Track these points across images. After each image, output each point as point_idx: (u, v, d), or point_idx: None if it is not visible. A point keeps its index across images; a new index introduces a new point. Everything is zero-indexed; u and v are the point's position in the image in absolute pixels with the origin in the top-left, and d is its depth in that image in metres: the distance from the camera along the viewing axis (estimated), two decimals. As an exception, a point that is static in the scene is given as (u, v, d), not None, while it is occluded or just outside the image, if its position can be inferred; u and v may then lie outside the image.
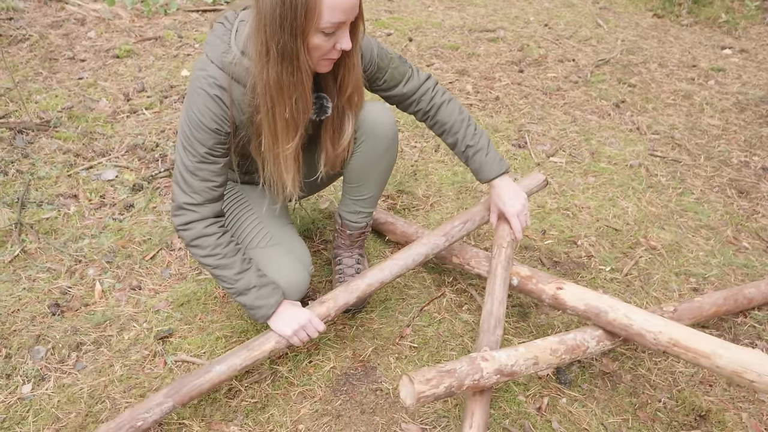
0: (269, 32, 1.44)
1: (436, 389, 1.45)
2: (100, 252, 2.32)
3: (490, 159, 1.94)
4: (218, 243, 1.67)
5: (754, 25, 5.41)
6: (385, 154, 1.93)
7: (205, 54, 1.59)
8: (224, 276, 1.69)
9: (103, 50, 4.02)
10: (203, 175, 1.63)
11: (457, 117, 1.95)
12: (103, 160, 2.87)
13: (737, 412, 1.84)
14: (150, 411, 1.57)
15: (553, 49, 4.53)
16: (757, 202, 2.86)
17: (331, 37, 1.48)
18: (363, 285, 1.85)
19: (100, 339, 1.97)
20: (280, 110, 1.57)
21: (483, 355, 1.56)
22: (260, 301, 1.71)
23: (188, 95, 1.60)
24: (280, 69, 1.49)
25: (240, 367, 1.67)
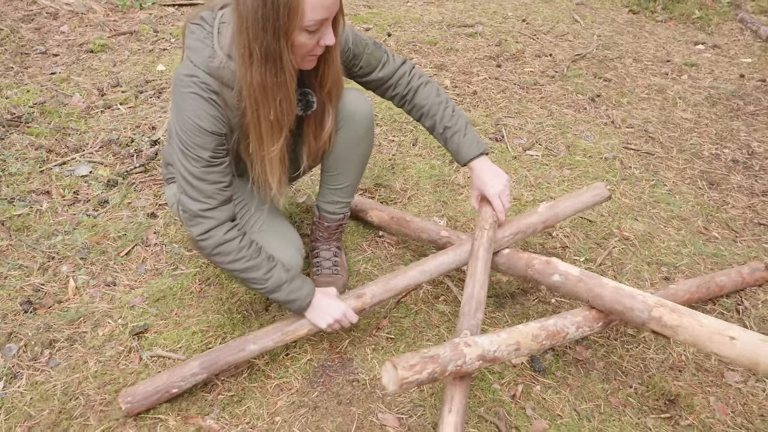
0: (251, 35, 1.42)
1: (419, 375, 1.45)
2: (74, 248, 2.30)
3: (468, 140, 1.92)
4: (241, 246, 1.65)
5: (726, 22, 5.49)
6: (363, 140, 1.95)
7: (189, 59, 1.56)
8: (254, 278, 1.68)
9: (77, 45, 3.98)
10: (212, 178, 1.61)
11: (435, 99, 1.93)
12: (77, 155, 2.84)
13: (705, 396, 1.87)
14: (185, 380, 1.70)
15: (531, 44, 4.56)
16: (727, 194, 2.91)
17: (314, 34, 1.48)
18: (402, 284, 1.90)
19: (74, 336, 1.95)
20: (264, 112, 1.56)
21: (466, 341, 1.57)
22: (294, 295, 1.72)
23: (178, 102, 1.57)
24: (263, 71, 1.48)
25: (271, 348, 1.80)
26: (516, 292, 2.23)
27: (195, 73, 1.54)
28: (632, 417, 1.79)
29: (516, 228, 2.01)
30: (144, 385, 1.69)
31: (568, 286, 1.81)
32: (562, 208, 2.10)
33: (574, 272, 1.81)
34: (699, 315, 1.58)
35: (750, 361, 1.46)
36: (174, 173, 1.96)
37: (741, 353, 1.47)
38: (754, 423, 1.80)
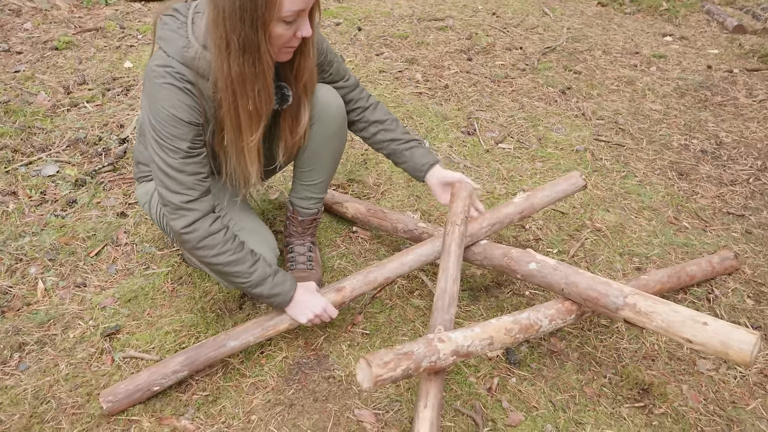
0: (229, 25, 1.41)
1: (394, 372, 1.45)
2: (42, 250, 2.25)
3: (425, 150, 2.04)
4: (226, 239, 1.63)
5: (694, 13, 5.57)
6: (335, 135, 1.96)
7: (162, 50, 1.54)
8: (238, 272, 1.65)
9: (41, 42, 3.89)
10: (191, 169, 1.58)
11: (392, 116, 2.06)
12: (43, 155, 2.79)
13: (678, 384, 1.90)
14: (166, 378, 1.71)
15: (501, 38, 4.58)
16: (696, 184, 2.95)
17: (291, 25, 1.47)
18: (381, 277, 1.91)
19: (44, 338, 1.92)
20: (243, 103, 1.55)
21: (440, 336, 1.58)
22: (277, 289, 1.71)
23: (151, 94, 1.54)
24: (241, 61, 1.47)
25: (252, 343, 1.80)
26: (490, 285, 2.24)
27: (169, 63, 1.52)
28: (607, 407, 1.81)
29: (493, 219, 2.02)
30: (125, 383, 1.68)
31: (544, 274, 1.82)
32: (538, 198, 2.12)
33: (550, 261, 1.83)
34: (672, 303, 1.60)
35: (721, 346, 1.48)
36: (144, 171, 1.94)
37: (713, 337, 1.50)
38: (726, 410, 1.83)
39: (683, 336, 1.54)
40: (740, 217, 2.73)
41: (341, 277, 2.20)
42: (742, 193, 2.90)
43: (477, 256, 2.00)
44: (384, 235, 2.43)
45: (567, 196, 2.20)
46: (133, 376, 1.71)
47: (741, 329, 1.47)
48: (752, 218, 2.73)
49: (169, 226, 1.62)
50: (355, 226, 2.47)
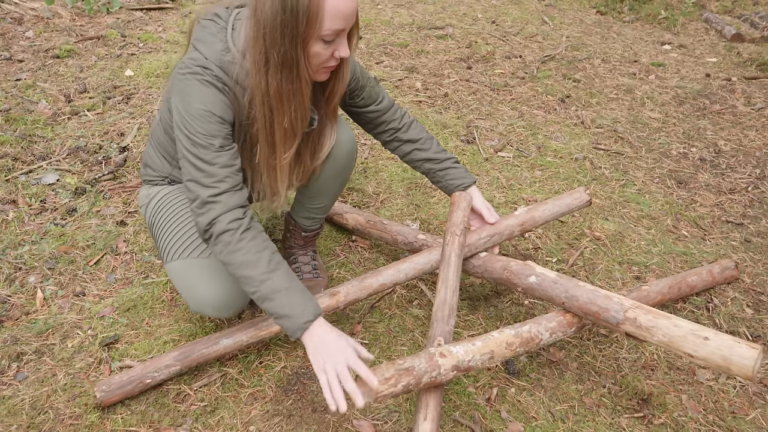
0: (269, 41, 1.42)
1: (394, 388, 1.46)
2: (41, 258, 2.25)
3: (461, 170, 2.04)
4: (242, 237, 1.52)
5: (692, 22, 5.58)
6: (345, 169, 1.97)
7: (199, 51, 1.54)
8: (249, 277, 1.51)
9: (43, 50, 3.90)
10: (223, 161, 1.53)
11: (426, 134, 2.04)
12: (44, 163, 2.79)
13: (677, 394, 1.90)
14: (159, 371, 1.73)
15: (501, 46, 4.59)
16: (695, 192, 2.96)
17: (330, 45, 1.47)
18: (377, 283, 1.90)
19: (42, 348, 1.92)
20: (279, 120, 1.54)
21: (441, 351, 1.57)
22: (285, 310, 1.50)
23: (184, 90, 1.52)
24: (280, 77, 1.47)
25: (246, 343, 1.80)
26: (489, 295, 2.24)
27: (206, 64, 1.52)
28: (606, 417, 1.81)
29: (493, 230, 2.01)
30: (119, 375, 1.71)
31: (544, 288, 1.82)
32: (540, 212, 2.10)
33: (550, 274, 1.83)
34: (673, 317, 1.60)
35: (723, 361, 1.48)
36: (150, 174, 1.92)
37: (714, 353, 1.49)
38: (726, 420, 1.83)
39: (684, 351, 1.53)
40: (739, 226, 2.73)
41: (340, 286, 2.21)
42: (740, 202, 2.90)
43: (477, 269, 2.00)
44: (383, 244, 2.43)
45: (571, 211, 2.16)
46: (128, 369, 1.74)
47: (743, 344, 1.46)
48: (751, 227, 2.73)
49: (196, 223, 1.56)
50: (354, 235, 2.47)
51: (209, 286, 1.70)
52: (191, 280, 1.72)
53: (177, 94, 1.55)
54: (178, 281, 1.75)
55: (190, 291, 1.71)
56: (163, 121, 1.78)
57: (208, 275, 1.71)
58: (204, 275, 1.71)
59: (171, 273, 1.77)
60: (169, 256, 1.78)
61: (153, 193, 1.91)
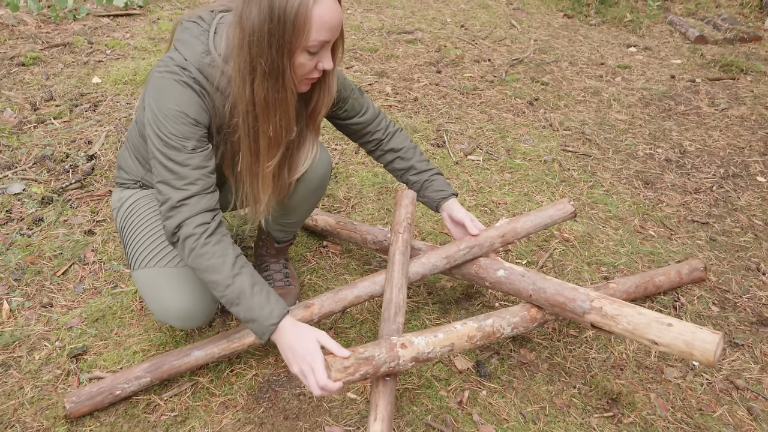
0: (256, 49, 1.41)
1: (352, 376, 1.49)
2: (7, 269, 2.22)
3: (441, 182, 2.02)
4: (206, 242, 1.50)
5: (657, 24, 5.69)
6: (317, 190, 1.96)
7: (179, 51, 1.52)
8: (215, 282, 1.51)
9: (8, 58, 3.84)
10: (196, 163, 1.52)
11: (409, 144, 2.03)
12: (9, 173, 2.75)
13: (646, 392, 1.93)
14: (129, 382, 1.72)
15: (470, 50, 4.63)
16: (662, 192, 3.01)
17: (314, 56, 1.47)
18: (351, 296, 1.89)
19: (9, 360, 1.88)
20: (263, 128, 1.54)
21: (402, 342, 1.59)
22: (253, 313, 1.51)
23: (159, 89, 1.50)
24: (266, 87, 1.46)
25: (218, 355, 1.78)
26: (460, 298, 2.26)
27: (185, 65, 1.51)
28: (576, 417, 1.83)
29: (473, 242, 1.96)
30: (89, 386, 1.69)
31: (512, 281, 1.86)
32: (521, 223, 2.06)
33: (518, 269, 1.87)
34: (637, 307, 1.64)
35: (686, 346, 1.52)
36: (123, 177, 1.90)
37: (677, 338, 1.53)
38: (694, 417, 1.86)
39: (649, 338, 1.57)
40: (704, 225, 2.79)
41: (312, 292, 2.21)
42: (705, 201, 2.96)
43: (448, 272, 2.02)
44: (354, 248, 2.44)
45: (554, 223, 2.11)
46: (98, 380, 1.72)
47: (704, 330, 1.52)
48: (716, 225, 2.78)
49: (164, 226, 1.55)
50: (325, 241, 2.47)
51: (175, 296, 1.68)
52: (157, 289, 1.70)
53: (152, 91, 1.53)
54: (144, 290, 1.73)
55: (156, 300, 1.70)
56: (139, 123, 1.75)
57: (174, 285, 1.70)
58: (171, 285, 1.70)
59: (137, 281, 1.75)
60: (137, 264, 1.76)
61: (125, 197, 1.88)
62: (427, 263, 1.95)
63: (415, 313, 2.16)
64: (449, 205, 2.00)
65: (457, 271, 2.01)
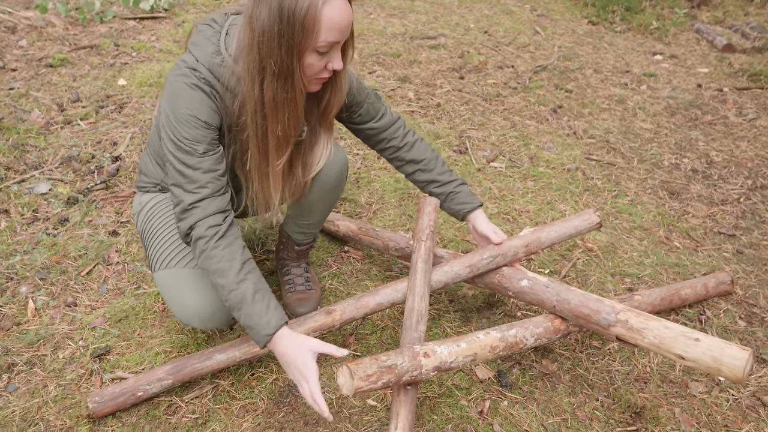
0: (265, 49, 1.42)
1: (374, 384, 1.48)
2: (33, 268, 2.24)
3: (465, 194, 2.00)
4: (216, 245, 1.54)
5: (683, 32, 5.63)
6: (333, 190, 1.95)
7: (192, 54, 1.55)
8: (222, 285, 1.55)
9: (36, 59, 3.90)
10: (207, 166, 1.55)
11: (431, 155, 2.00)
12: (36, 173, 2.78)
13: (670, 407, 1.90)
14: (151, 384, 1.73)
15: (493, 56, 4.61)
16: (687, 203, 2.97)
17: (324, 56, 1.48)
18: (373, 303, 1.88)
19: (33, 359, 1.90)
20: (272, 127, 1.55)
21: (425, 351, 1.58)
22: (250, 321, 1.54)
23: (173, 92, 1.53)
24: (276, 86, 1.47)
25: (239, 359, 1.78)
26: (482, 306, 2.24)
27: (196, 66, 1.53)
28: (599, 430, 1.81)
29: (496, 251, 1.95)
30: (112, 387, 1.71)
31: (536, 291, 1.85)
32: (546, 233, 2.05)
33: (541, 279, 1.85)
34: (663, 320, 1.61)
35: (713, 362, 1.49)
36: (144, 181, 1.92)
37: (705, 353, 1.50)
38: (718, 433, 1.83)
39: (675, 352, 1.55)
40: (731, 237, 2.74)
41: (333, 297, 2.21)
42: (732, 213, 2.92)
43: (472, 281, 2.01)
44: (375, 254, 2.43)
45: (579, 233, 2.11)
46: (121, 381, 1.74)
47: (733, 345, 1.49)
48: (743, 238, 2.74)
49: (177, 228, 1.60)
50: (346, 246, 2.47)
51: (196, 296, 1.70)
52: (178, 289, 1.72)
53: (166, 95, 1.56)
54: (165, 290, 1.75)
55: (177, 301, 1.71)
56: (157, 127, 1.77)
57: (194, 285, 1.71)
58: (191, 285, 1.71)
59: (159, 282, 1.77)
60: (158, 265, 1.77)
61: (145, 201, 1.91)
62: (449, 272, 1.94)
63: (437, 321, 2.15)
64: (474, 216, 1.99)
65: (480, 280, 1.99)
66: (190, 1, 5.26)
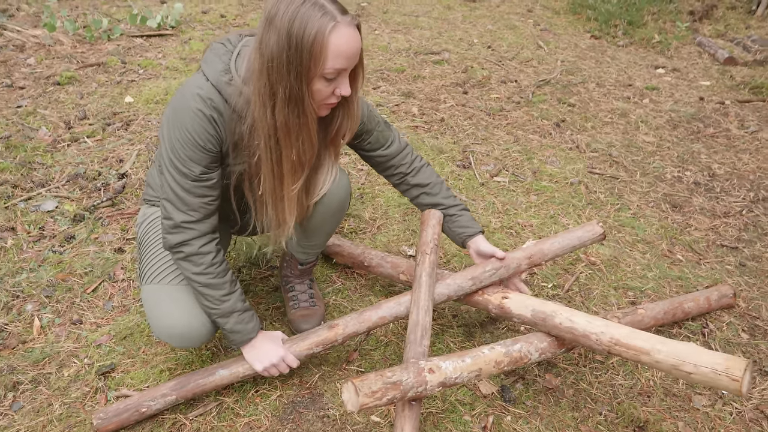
0: (275, 75, 1.45)
1: (380, 401, 1.49)
2: (39, 286, 2.27)
3: (467, 219, 2.03)
4: (213, 262, 1.67)
5: (685, 45, 5.65)
6: (336, 213, 1.95)
7: (202, 72, 1.58)
8: (211, 296, 1.68)
9: (44, 77, 3.95)
10: (200, 192, 1.61)
11: (436, 179, 2.05)
12: (43, 190, 2.81)
13: (674, 421, 1.90)
14: (155, 400, 1.75)
15: (496, 71, 4.64)
16: (690, 216, 2.97)
17: (331, 83, 1.50)
18: (376, 317, 1.89)
19: (39, 377, 1.92)
20: (287, 153, 1.57)
21: (430, 367, 1.59)
22: (238, 327, 1.72)
23: (178, 112, 1.56)
24: (287, 112, 1.49)
25: (242, 375, 1.81)
26: (485, 321, 2.25)
27: (203, 86, 1.55)
28: (602, 444, 1.81)
29: (499, 264, 1.97)
30: (117, 403, 1.73)
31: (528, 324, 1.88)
32: (549, 245, 2.06)
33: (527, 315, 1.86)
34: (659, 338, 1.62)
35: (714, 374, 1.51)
36: (150, 195, 1.94)
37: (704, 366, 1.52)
38: (721, 446, 1.83)
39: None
40: (734, 250, 2.74)
41: (337, 313, 2.22)
42: (735, 225, 2.92)
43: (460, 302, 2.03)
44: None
45: (583, 245, 2.11)
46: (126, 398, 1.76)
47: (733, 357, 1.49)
48: (746, 251, 2.74)
49: (164, 239, 1.66)
50: (350, 262, 2.48)
51: (175, 314, 1.71)
52: (158, 305, 1.73)
53: (170, 110, 1.58)
54: (147, 305, 1.76)
55: (155, 316, 1.73)
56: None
57: (174, 301, 1.73)
58: (170, 301, 1.73)
59: (143, 295, 1.79)
60: (145, 279, 1.80)
61: (149, 214, 1.93)
62: (452, 284, 1.95)
63: (440, 336, 2.16)
64: (476, 240, 2.01)
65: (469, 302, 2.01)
66: (196, 19, 5.32)
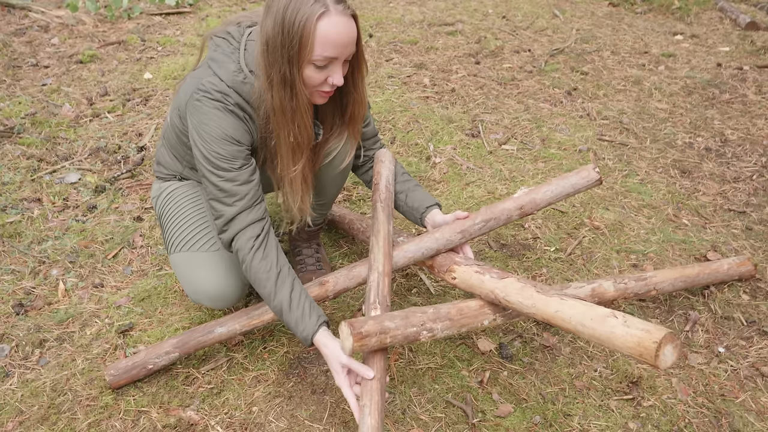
0: (271, 58, 1.51)
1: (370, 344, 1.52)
2: (63, 252, 2.39)
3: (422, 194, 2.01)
4: (254, 256, 1.63)
5: (706, 11, 5.56)
6: (343, 172, 2.01)
7: (214, 73, 1.62)
8: (261, 293, 1.66)
9: (67, 56, 4.07)
10: (244, 178, 1.65)
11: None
12: (66, 163, 2.94)
13: (668, 377, 1.96)
14: (159, 357, 1.85)
15: (510, 41, 4.64)
16: (699, 181, 2.99)
17: (322, 70, 1.55)
18: (365, 272, 1.92)
19: (63, 335, 2.05)
20: (284, 134, 1.63)
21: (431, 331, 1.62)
22: (291, 325, 1.63)
23: (200, 118, 1.60)
24: (282, 94, 1.55)
25: (239, 331, 1.88)
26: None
27: (225, 91, 1.60)
28: (596, 399, 1.88)
29: (488, 214, 1.91)
30: (125, 360, 1.85)
31: None
32: (541, 193, 1.93)
33: None
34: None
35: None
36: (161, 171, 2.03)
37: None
38: (715, 402, 1.88)
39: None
40: (741, 214, 2.76)
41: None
42: (744, 190, 2.93)
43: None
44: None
45: (577, 192, 1.96)
46: (134, 355, 1.87)
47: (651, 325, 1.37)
48: (753, 215, 2.76)
49: (220, 239, 1.71)
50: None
51: (208, 277, 1.81)
52: (191, 271, 1.84)
53: (195, 116, 1.63)
54: (179, 272, 1.87)
55: (190, 282, 1.84)
56: (175, 128, 1.86)
57: (207, 267, 1.83)
58: (204, 267, 1.83)
59: (174, 264, 1.89)
60: (173, 248, 1.90)
61: (164, 187, 2.03)
62: (440, 238, 1.90)
63: (406, 299, 2.23)
64: (432, 216, 1.96)
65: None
66: (213, -4, 5.40)
